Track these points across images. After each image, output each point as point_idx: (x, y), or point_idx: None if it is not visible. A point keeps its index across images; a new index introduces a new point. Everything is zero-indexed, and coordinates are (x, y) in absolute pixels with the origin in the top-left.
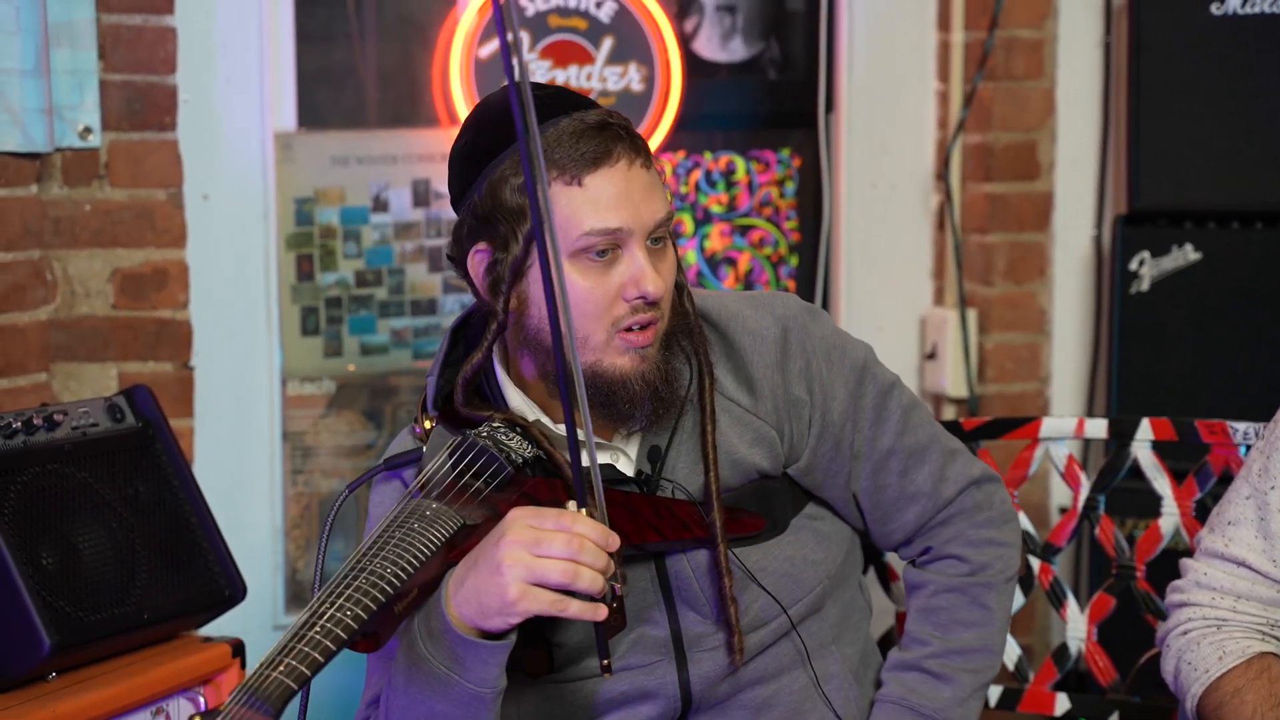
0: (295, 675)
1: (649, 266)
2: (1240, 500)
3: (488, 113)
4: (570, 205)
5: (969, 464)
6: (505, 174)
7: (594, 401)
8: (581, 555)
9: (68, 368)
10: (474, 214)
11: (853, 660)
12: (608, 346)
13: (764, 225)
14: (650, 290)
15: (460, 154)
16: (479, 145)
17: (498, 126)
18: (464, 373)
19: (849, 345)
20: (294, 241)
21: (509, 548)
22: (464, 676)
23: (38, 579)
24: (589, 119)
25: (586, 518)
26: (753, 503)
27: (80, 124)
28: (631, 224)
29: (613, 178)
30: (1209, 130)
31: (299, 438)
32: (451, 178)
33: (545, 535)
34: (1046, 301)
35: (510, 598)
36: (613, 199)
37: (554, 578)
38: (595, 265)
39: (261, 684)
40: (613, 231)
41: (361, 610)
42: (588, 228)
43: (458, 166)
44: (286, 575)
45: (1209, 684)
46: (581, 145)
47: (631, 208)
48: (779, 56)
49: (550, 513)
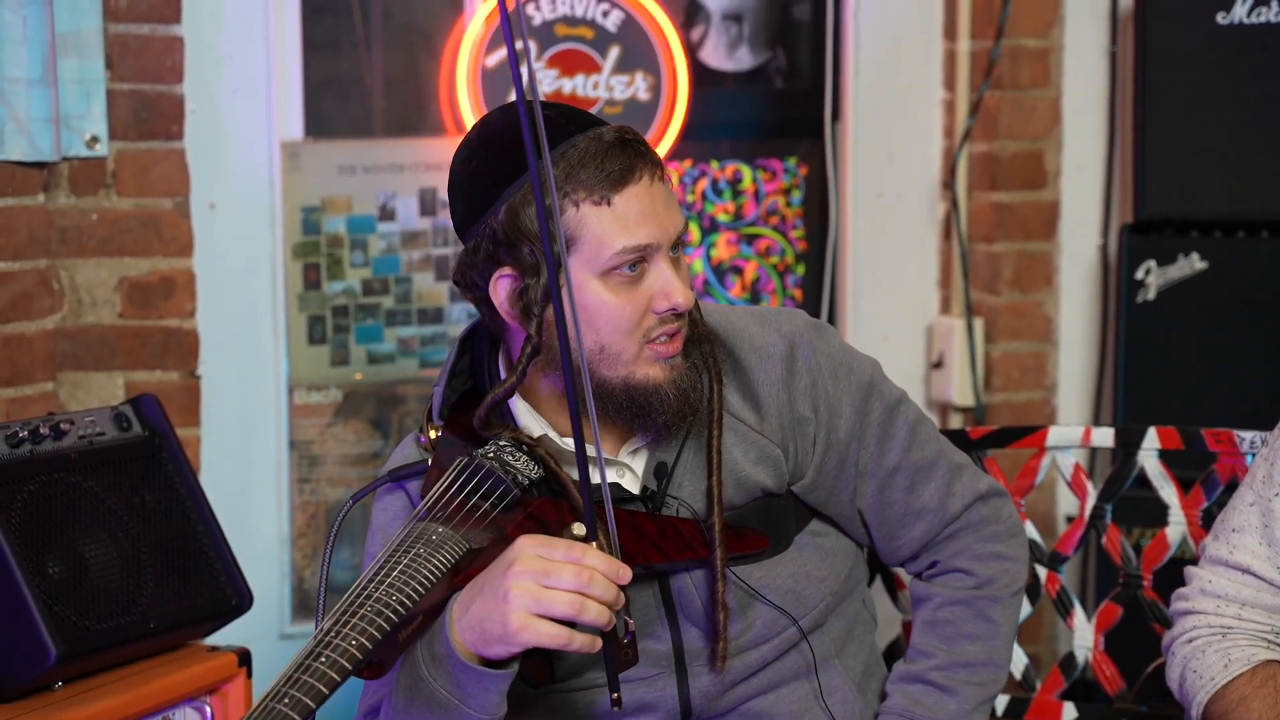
0: (300, 708)
1: (676, 278)
2: (1244, 507)
3: (495, 134)
4: (600, 225)
5: (976, 479)
6: (527, 197)
7: (628, 413)
8: (590, 588)
9: (74, 377)
10: (493, 240)
11: (856, 672)
12: (639, 358)
13: (770, 234)
14: (680, 302)
15: (470, 177)
16: (492, 169)
17: (509, 149)
18: (494, 396)
19: (856, 362)
20: (301, 250)
21: (516, 577)
22: (465, 703)
23: (44, 588)
24: (607, 136)
25: (596, 550)
26: (756, 521)
27: (87, 133)
28: (659, 238)
29: (639, 194)
30: (1215, 139)
31: (306, 446)
32: (458, 201)
33: (554, 566)
34: (1053, 310)
35: (512, 627)
36: (640, 215)
37: (560, 609)
38: (625, 281)
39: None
40: (643, 248)
41: (367, 639)
42: (619, 246)
43: (467, 190)
44: (293, 584)
45: (1214, 692)
46: (606, 164)
47: (657, 222)
48: (785, 65)
49: (560, 543)
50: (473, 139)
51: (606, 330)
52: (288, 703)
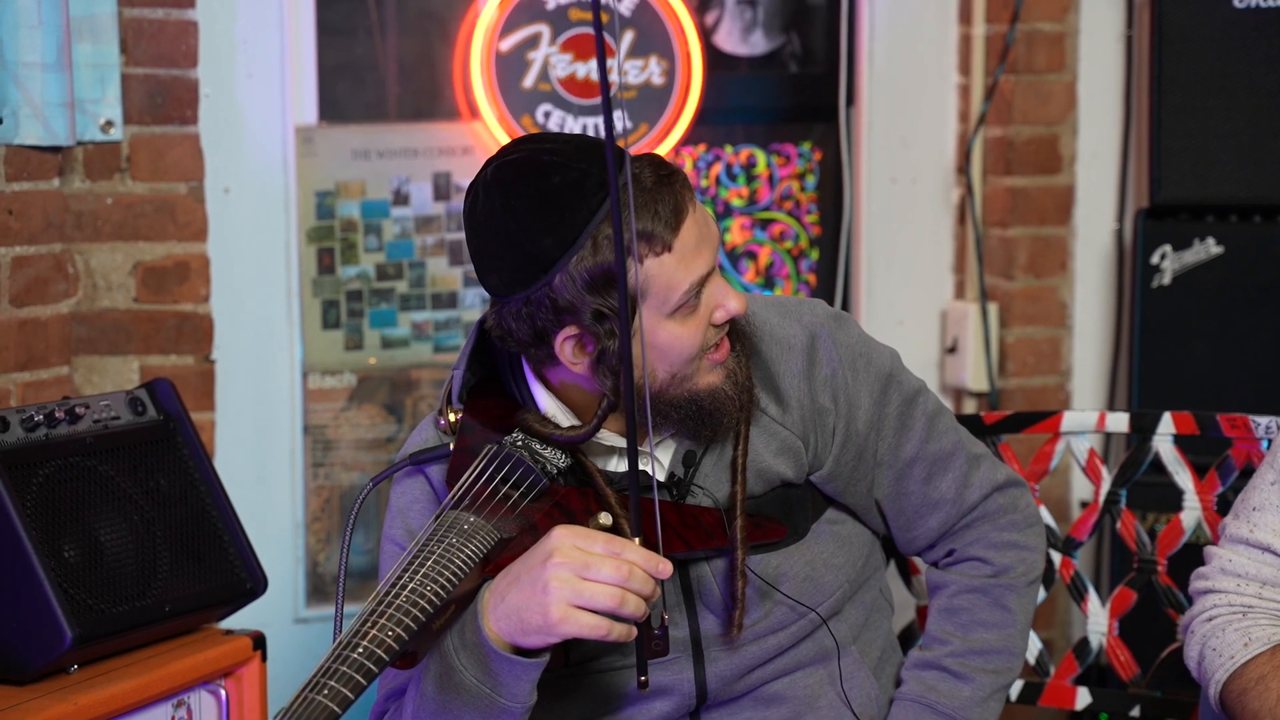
0: (339, 699)
1: (727, 286)
2: (1265, 486)
3: (534, 202)
4: (664, 272)
5: (993, 469)
6: (584, 258)
7: (692, 423)
8: (630, 582)
9: (89, 361)
10: (553, 306)
11: (872, 657)
12: (699, 370)
13: (785, 219)
14: (735, 308)
15: (510, 245)
16: (541, 239)
17: (559, 212)
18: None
19: (875, 353)
20: (315, 235)
21: (556, 569)
22: (496, 691)
23: (59, 572)
24: (646, 180)
25: (635, 544)
26: (774, 510)
27: (102, 117)
28: (713, 261)
29: (690, 229)
30: (1231, 123)
31: (320, 431)
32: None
33: (594, 559)
34: (1068, 295)
35: (553, 619)
36: (695, 248)
37: (600, 602)
38: (691, 309)
39: (306, 709)
40: (705, 278)
41: (403, 630)
42: (686, 286)
43: (508, 259)
44: (307, 568)
45: (1233, 670)
46: (660, 211)
47: (710, 246)
48: (800, 50)
49: (599, 536)
50: (502, 211)
51: (679, 361)
52: (327, 694)
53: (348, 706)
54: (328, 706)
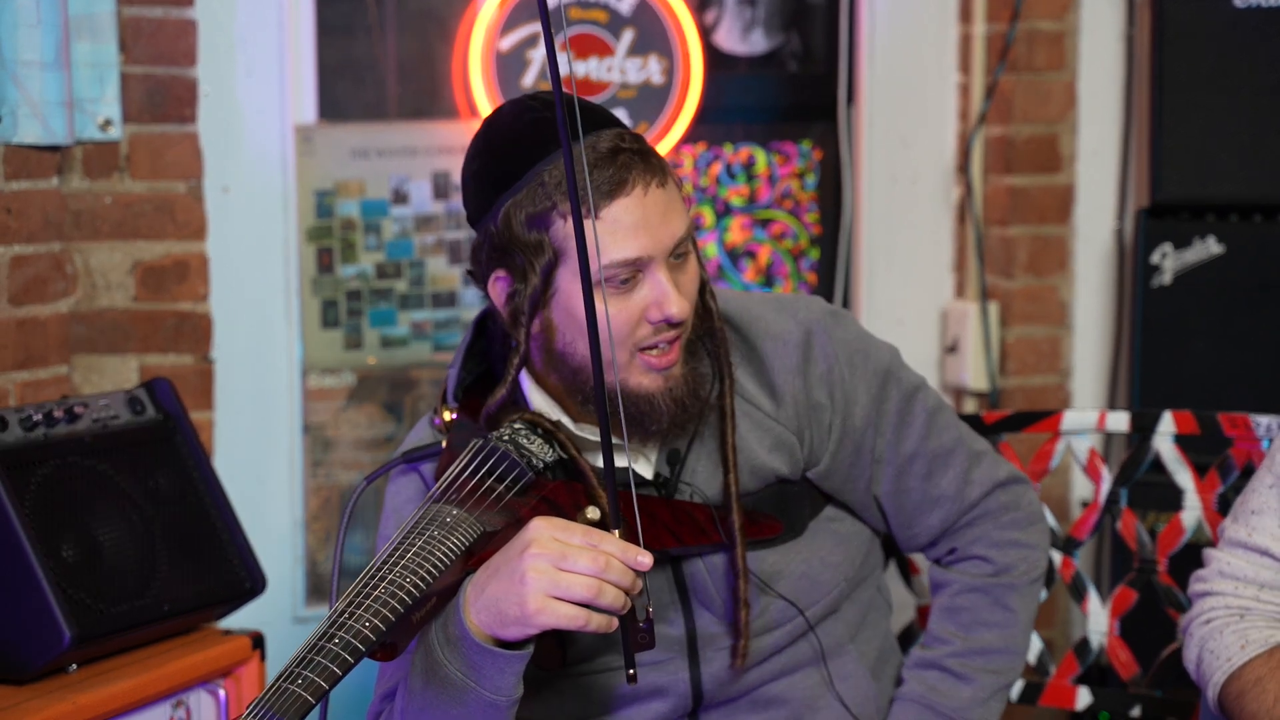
0: (313, 689)
1: (672, 288)
2: (1264, 489)
3: (500, 133)
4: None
5: (995, 466)
6: (521, 202)
7: (626, 415)
8: (607, 573)
9: (88, 360)
10: (491, 242)
11: (870, 658)
12: (630, 366)
13: (784, 218)
14: (674, 313)
15: (474, 178)
16: (493, 171)
17: (510, 151)
18: (489, 406)
19: (873, 349)
20: (314, 234)
21: (533, 559)
22: (480, 684)
23: (58, 571)
24: (601, 146)
25: (613, 535)
26: (770, 507)
27: (101, 116)
28: (651, 250)
29: (629, 207)
30: (1232, 122)
31: (319, 430)
32: (466, 197)
33: (571, 550)
34: (1068, 294)
35: (530, 609)
36: (630, 228)
37: (577, 592)
38: (618, 291)
39: (279, 698)
40: (633, 261)
41: (380, 621)
42: (608, 260)
43: (472, 188)
44: (306, 567)
45: (1231, 672)
46: (596, 177)
47: (650, 234)
48: (800, 49)
49: (577, 527)
50: (479, 137)
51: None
52: (301, 683)
53: (322, 696)
54: (301, 696)
